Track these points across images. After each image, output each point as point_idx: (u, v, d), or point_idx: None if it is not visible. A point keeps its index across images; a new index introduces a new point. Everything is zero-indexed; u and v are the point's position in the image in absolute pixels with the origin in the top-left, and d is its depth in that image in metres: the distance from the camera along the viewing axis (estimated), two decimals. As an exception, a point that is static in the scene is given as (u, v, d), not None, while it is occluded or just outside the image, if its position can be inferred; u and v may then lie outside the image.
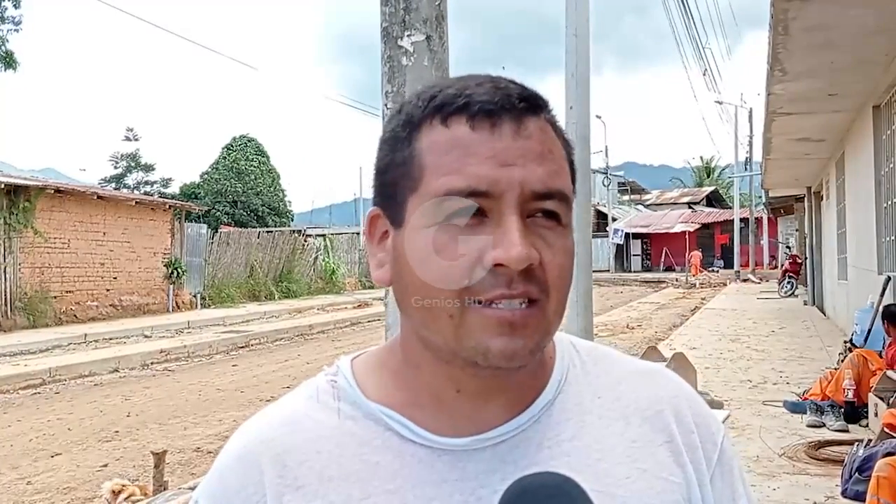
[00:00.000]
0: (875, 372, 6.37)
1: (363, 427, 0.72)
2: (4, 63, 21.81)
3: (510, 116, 0.66)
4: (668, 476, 0.73)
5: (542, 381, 0.75)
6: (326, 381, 0.77)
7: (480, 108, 0.66)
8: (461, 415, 0.71)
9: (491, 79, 0.69)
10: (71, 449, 6.80)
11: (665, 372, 0.82)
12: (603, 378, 0.78)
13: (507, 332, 0.65)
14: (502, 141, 0.66)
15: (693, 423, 0.77)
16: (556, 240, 0.67)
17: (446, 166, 0.66)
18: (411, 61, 2.66)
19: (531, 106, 0.68)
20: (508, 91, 0.68)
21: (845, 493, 4.48)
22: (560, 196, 0.67)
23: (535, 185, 0.65)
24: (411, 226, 0.68)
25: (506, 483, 0.64)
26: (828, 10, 6.06)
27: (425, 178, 0.67)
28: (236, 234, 24.56)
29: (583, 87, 6.69)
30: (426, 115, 0.68)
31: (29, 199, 15.36)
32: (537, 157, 0.66)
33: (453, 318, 0.65)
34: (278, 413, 0.76)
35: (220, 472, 0.74)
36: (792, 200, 22.48)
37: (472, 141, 0.66)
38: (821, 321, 14.78)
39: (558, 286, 0.67)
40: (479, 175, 0.64)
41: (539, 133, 0.68)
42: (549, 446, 0.71)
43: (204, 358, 12.72)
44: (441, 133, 0.67)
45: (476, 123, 0.66)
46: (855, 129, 10.28)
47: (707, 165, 61.66)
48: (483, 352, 0.65)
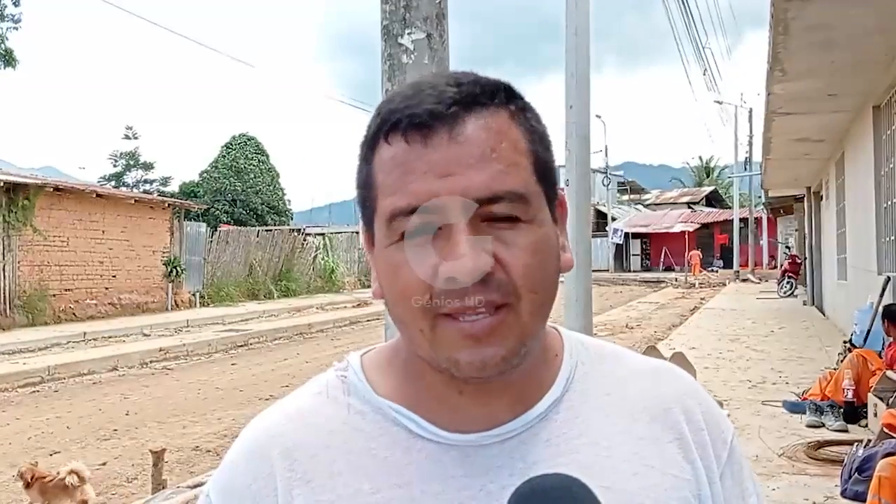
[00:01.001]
0: (874, 372, 6.37)
1: (372, 422, 0.73)
2: (4, 61, 21.79)
3: (443, 123, 0.64)
4: (677, 473, 0.73)
5: (549, 378, 0.75)
6: (336, 377, 0.77)
7: (409, 122, 0.65)
8: (467, 413, 0.71)
9: (433, 83, 0.67)
10: (70, 447, 6.80)
11: (674, 370, 0.82)
12: (611, 376, 0.78)
13: (472, 343, 0.64)
14: (437, 151, 0.64)
15: (703, 420, 0.77)
16: (518, 238, 0.65)
17: (390, 186, 0.66)
18: (412, 59, 2.66)
19: (469, 104, 0.65)
20: (442, 96, 0.65)
21: (844, 494, 4.48)
22: (511, 196, 0.64)
23: (477, 191, 0.63)
24: (378, 246, 0.69)
25: (514, 479, 0.65)
26: (828, 10, 6.06)
27: (378, 200, 0.67)
28: (235, 233, 24.54)
29: (583, 86, 6.67)
30: (375, 133, 0.68)
31: (28, 197, 15.35)
32: (477, 160, 0.64)
33: (424, 333, 0.66)
34: (288, 408, 0.76)
35: (230, 466, 0.74)
36: (791, 200, 22.47)
37: (408, 157, 0.65)
38: (820, 321, 14.78)
39: (528, 286, 0.65)
40: (419, 192, 0.64)
41: (480, 133, 0.65)
42: (556, 443, 0.71)
43: (203, 356, 12.72)
44: (386, 151, 0.67)
45: (409, 138, 0.65)
46: (855, 130, 10.27)
47: (706, 165, 61.69)
48: (454, 364, 0.65)
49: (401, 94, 0.68)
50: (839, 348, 8.75)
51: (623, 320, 16.53)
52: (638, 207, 52.36)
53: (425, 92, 0.66)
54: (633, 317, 17.56)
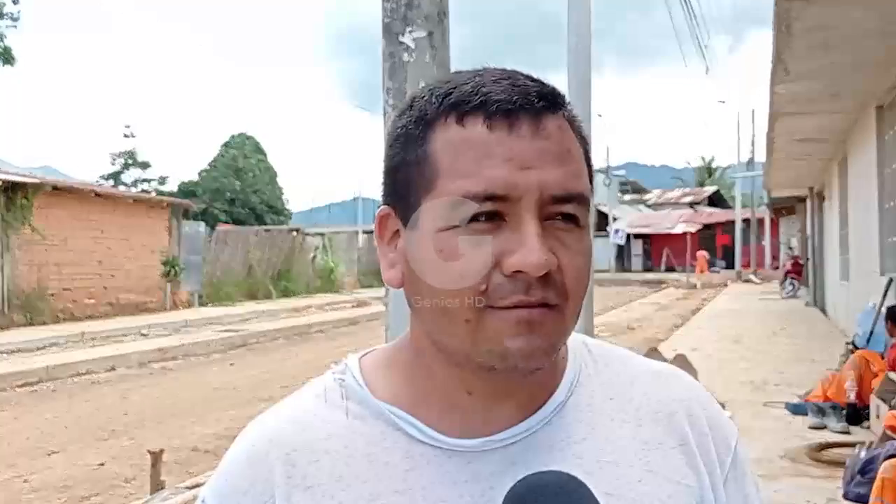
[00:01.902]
0: (877, 374, 6.35)
1: (372, 426, 0.71)
2: (2, 59, 21.79)
3: (528, 116, 0.64)
4: (680, 479, 0.72)
5: (553, 382, 0.74)
6: (334, 380, 0.76)
7: (498, 108, 0.64)
8: (472, 416, 0.70)
9: (508, 74, 0.67)
10: (68, 447, 6.77)
11: (679, 374, 0.81)
12: (615, 379, 0.77)
13: (525, 331, 0.63)
14: (520, 142, 0.64)
15: (707, 425, 0.76)
16: (574, 243, 0.66)
17: (462, 168, 0.64)
18: (412, 58, 2.64)
19: (550, 104, 0.66)
20: (527, 89, 0.65)
21: (847, 496, 4.47)
22: (579, 199, 0.66)
23: (554, 188, 0.64)
24: (425, 228, 0.66)
25: None
26: (831, 11, 6.06)
27: (440, 180, 0.65)
28: (234, 233, 24.58)
29: (584, 86, 6.67)
30: (441, 112, 0.66)
31: (26, 196, 15.32)
32: (556, 158, 0.64)
33: (470, 323, 0.64)
34: (286, 412, 0.75)
35: (228, 470, 0.73)
36: (794, 201, 22.50)
37: (488, 142, 0.64)
38: (822, 322, 14.78)
39: (576, 290, 0.66)
40: (497, 178, 0.63)
41: (558, 132, 0.66)
42: (560, 448, 0.71)
43: (201, 357, 12.70)
44: (457, 132, 0.65)
45: (493, 123, 0.64)
46: (858, 130, 10.26)
47: (709, 166, 61.77)
48: (501, 353, 0.64)
49: (469, 80, 0.66)
50: (841, 350, 8.75)
51: (624, 321, 16.52)
52: (640, 208, 52.41)
53: (504, 82, 0.66)
54: (635, 317, 17.56)
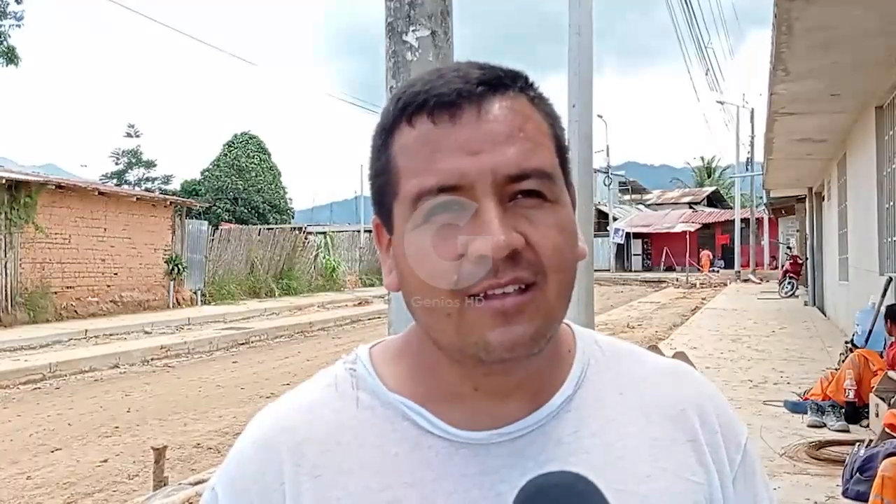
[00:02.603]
0: (876, 372, 6.36)
1: (382, 417, 0.71)
2: (6, 58, 21.79)
3: (470, 103, 0.65)
4: (689, 476, 0.72)
5: (561, 375, 0.74)
6: (345, 370, 0.76)
7: (437, 102, 0.65)
8: (480, 409, 0.70)
9: (457, 67, 0.68)
10: (71, 444, 6.80)
11: (690, 371, 0.80)
12: (626, 375, 0.76)
13: (502, 321, 0.63)
14: (465, 130, 0.64)
15: (717, 423, 0.75)
16: (545, 217, 0.65)
17: (416, 167, 0.65)
18: (416, 57, 2.65)
19: (493, 87, 0.66)
20: (468, 77, 0.66)
21: (846, 494, 4.47)
22: (538, 174, 0.65)
23: (506, 168, 0.64)
24: (399, 231, 0.68)
25: (525, 479, 0.63)
26: (831, 11, 6.05)
27: (401, 183, 0.66)
28: (237, 231, 24.55)
29: (585, 85, 6.68)
30: (394, 118, 0.68)
31: (30, 194, 15.35)
32: (506, 138, 0.64)
33: (451, 317, 0.65)
34: (297, 401, 0.75)
35: (238, 459, 0.73)
36: (793, 201, 22.46)
37: (435, 136, 0.65)
38: (821, 322, 14.77)
39: (555, 265, 0.65)
40: (447, 169, 0.64)
41: (506, 113, 0.66)
42: (568, 442, 0.70)
43: (204, 354, 12.72)
44: (408, 134, 0.66)
45: (436, 118, 0.65)
46: (857, 130, 10.26)
47: (708, 166, 61.65)
48: (484, 346, 0.64)
49: (422, 80, 0.68)
50: (840, 348, 8.75)
51: (624, 320, 16.52)
52: (639, 207, 52.33)
53: (449, 75, 0.67)
54: (635, 316, 17.55)
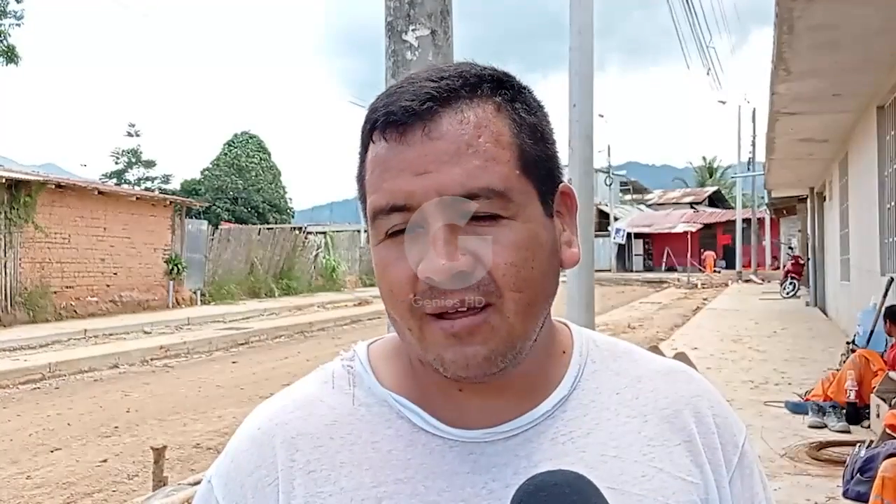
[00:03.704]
0: (877, 373, 6.36)
1: (376, 414, 0.72)
2: (6, 57, 21.77)
3: (418, 120, 0.63)
4: (685, 476, 0.71)
5: (557, 375, 0.74)
6: (342, 366, 0.76)
7: (386, 121, 0.64)
8: (472, 408, 0.70)
9: (414, 79, 0.66)
10: (70, 444, 6.79)
11: (688, 371, 0.80)
12: (623, 375, 0.76)
13: (454, 342, 0.63)
14: (412, 149, 0.63)
15: (713, 423, 0.75)
16: (500, 236, 0.63)
17: (373, 184, 0.66)
18: (416, 56, 2.65)
19: (446, 99, 0.64)
20: (419, 93, 0.64)
21: (847, 494, 4.47)
22: (487, 192, 0.63)
23: (451, 188, 0.62)
24: (371, 244, 0.69)
25: (518, 477, 0.63)
26: (833, 10, 6.04)
27: (368, 198, 0.67)
28: (237, 231, 24.56)
29: (586, 85, 6.67)
30: (364, 132, 0.68)
31: (30, 193, 15.35)
32: (453, 157, 0.63)
33: (412, 332, 0.66)
34: (293, 397, 0.75)
35: (233, 452, 0.73)
36: (794, 201, 22.46)
37: (387, 156, 0.65)
38: (823, 322, 14.77)
39: (511, 285, 0.63)
40: (394, 190, 0.63)
41: (456, 128, 0.63)
42: (563, 441, 0.70)
43: (204, 354, 12.71)
44: (372, 150, 0.67)
45: (388, 136, 0.65)
46: (859, 130, 10.25)
47: (709, 165, 61.68)
48: (441, 363, 0.65)
49: (386, 92, 0.68)
50: (842, 349, 8.74)
51: (625, 320, 16.51)
52: (640, 207, 52.34)
53: (404, 89, 0.66)
54: (636, 317, 17.55)
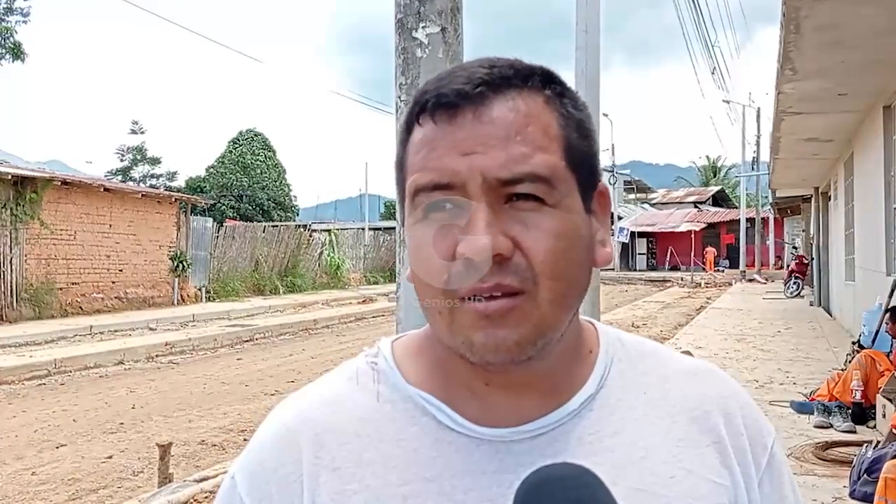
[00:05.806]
0: (883, 373, 6.34)
1: (402, 411, 0.71)
2: (12, 54, 21.84)
3: (469, 103, 0.65)
4: (714, 478, 0.71)
5: (583, 374, 0.73)
6: (366, 363, 0.76)
7: (436, 103, 0.65)
8: (498, 405, 0.69)
9: (467, 66, 0.68)
10: (76, 440, 6.81)
11: (715, 371, 0.80)
12: (650, 375, 0.75)
13: (486, 324, 0.63)
14: (462, 130, 0.64)
15: (742, 424, 0.75)
16: (541, 222, 0.64)
17: (417, 163, 0.66)
18: (426, 53, 2.64)
19: (498, 86, 0.65)
20: (471, 77, 0.66)
21: (853, 495, 4.46)
22: (532, 178, 0.63)
23: (497, 171, 0.63)
24: (406, 225, 0.69)
25: None
26: (840, 9, 6.02)
27: (407, 178, 0.68)
28: (241, 228, 24.58)
29: (592, 84, 6.65)
30: (411, 115, 0.69)
31: (35, 190, 15.38)
32: (501, 141, 0.64)
33: (443, 315, 0.65)
34: (319, 393, 0.75)
35: (258, 448, 0.73)
36: (799, 201, 22.41)
37: (434, 135, 0.65)
38: (827, 322, 14.73)
39: (548, 272, 0.63)
40: (440, 168, 0.64)
41: (506, 114, 0.65)
42: (590, 441, 0.69)
43: (208, 351, 12.74)
44: (417, 132, 0.67)
45: (437, 118, 0.66)
46: (865, 130, 10.23)
47: (713, 165, 61.57)
48: (469, 347, 0.64)
49: (436, 79, 0.69)
50: (847, 349, 8.72)
51: (629, 319, 16.49)
52: (644, 206, 52.25)
53: (456, 74, 0.67)
54: (640, 316, 17.53)
